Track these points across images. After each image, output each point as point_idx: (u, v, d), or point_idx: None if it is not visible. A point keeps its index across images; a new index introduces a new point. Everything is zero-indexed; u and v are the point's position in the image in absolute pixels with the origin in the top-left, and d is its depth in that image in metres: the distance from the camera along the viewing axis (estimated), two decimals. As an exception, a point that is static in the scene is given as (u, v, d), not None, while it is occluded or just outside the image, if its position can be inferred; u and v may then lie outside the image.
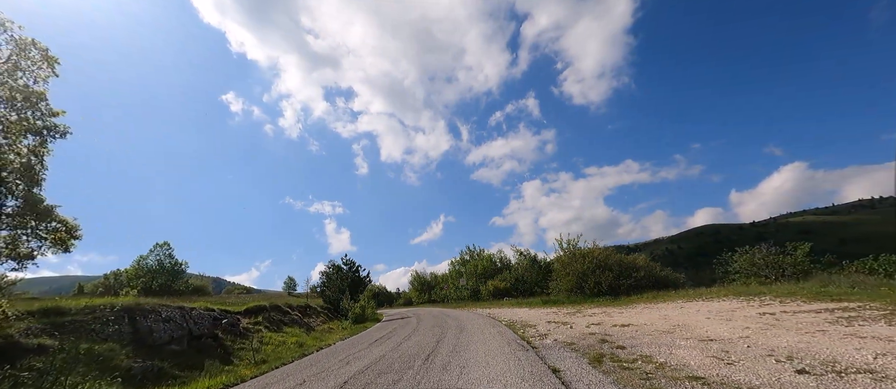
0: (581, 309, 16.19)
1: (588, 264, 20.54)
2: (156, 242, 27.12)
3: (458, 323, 15.29)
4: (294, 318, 20.05)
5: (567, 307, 18.00)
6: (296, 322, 19.81)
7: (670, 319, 10.25)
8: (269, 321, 17.82)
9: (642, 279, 19.08)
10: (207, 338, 12.33)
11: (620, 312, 13.15)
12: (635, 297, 17.18)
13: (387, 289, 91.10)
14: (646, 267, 19.97)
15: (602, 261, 20.40)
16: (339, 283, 32.19)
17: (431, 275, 66.37)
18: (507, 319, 14.95)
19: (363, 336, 15.69)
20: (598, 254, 20.83)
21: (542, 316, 14.45)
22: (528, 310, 18.84)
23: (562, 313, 15.14)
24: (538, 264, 36.45)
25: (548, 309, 18.48)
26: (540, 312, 16.85)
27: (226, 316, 15.07)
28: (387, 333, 15.46)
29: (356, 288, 32.71)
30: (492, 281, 35.39)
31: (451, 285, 44.38)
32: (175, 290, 27.83)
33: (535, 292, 33.70)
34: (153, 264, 26.76)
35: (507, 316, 16.37)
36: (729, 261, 19.01)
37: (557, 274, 22.60)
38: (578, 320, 12.10)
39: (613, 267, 19.91)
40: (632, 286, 18.88)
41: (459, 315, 20.61)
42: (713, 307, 11.67)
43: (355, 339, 15.15)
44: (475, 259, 44.32)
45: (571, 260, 21.82)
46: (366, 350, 10.94)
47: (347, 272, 33.03)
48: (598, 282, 19.70)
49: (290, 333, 17.54)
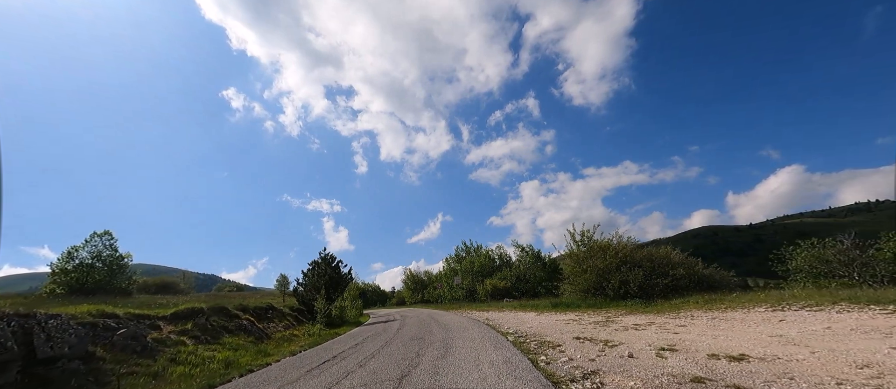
0: (611, 316, 12.30)
1: (611, 259, 16.66)
2: (94, 231, 22.94)
3: (446, 333, 11.40)
4: (243, 324, 15.98)
5: (588, 313, 14.12)
6: (244, 328, 15.76)
7: (795, 342, 6.29)
8: (202, 329, 13.80)
9: (681, 278, 15.24)
10: (71, 361, 8.28)
11: (682, 325, 9.18)
12: (678, 301, 13.33)
13: (380, 288, 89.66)
14: (684, 263, 16.11)
15: (628, 256, 16.53)
16: (316, 281, 28.18)
17: (426, 274, 62.74)
18: (511, 329, 11.07)
19: (322, 350, 12.01)
20: (624, 248, 16.96)
21: (561, 327, 10.54)
22: (537, 316, 14.95)
23: (587, 322, 11.22)
24: (542, 261, 32.59)
25: (562, 314, 14.60)
26: (554, 319, 12.95)
27: (128, 324, 11.02)
28: (352, 346, 11.80)
29: (335, 287, 28.69)
30: (490, 280, 31.47)
31: (446, 284, 40.45)
32: (116, 288, 23.49)
33: (540, 292, 29.80)
34: (86, 257, 22.37)
35: (511, 324, 12.49)
36: (791, 256, 15.12)
37: (571, 272, 18.73)
38: (624, 336, 8.20)
39: (643, 262, 16.04)
40: (669, 287, 15.03)
41: (450, 320, 16.68)
42: (842, 321, 7.71)
43: (310, 353, 11.60)
44: (472, 255, 40.37)
45: (589, 254, 17.93)
46: (303, 377, 7.21)
47: (325, 268, 28.99)
48: (624, 281, 15.83)
49: (228, 344, 13.53)
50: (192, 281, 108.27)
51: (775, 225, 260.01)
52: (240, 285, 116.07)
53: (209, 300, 20.55)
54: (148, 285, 45.77)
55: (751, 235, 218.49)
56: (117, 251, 23.66)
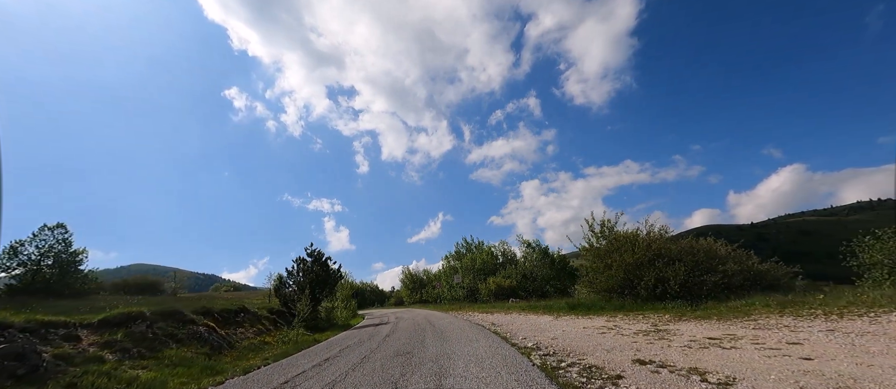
0: (656, 322, 9.55)
1: (642, 253, 13.89)
2: (44, 223, 20.12)
3: (441, 346, 8.67)
4: (198, 331, 13.21)
5: (621, 317, 11.37)
6: (199, 337, 12.99)
7: None
8: (137, 339, 11.04)
9: (734, 274, 12.46)
10: None
11: (792, 340, 6.31)
12: (736, 303, 10.56)
13: (379, 288, 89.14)
14: (734, 257, 13.34)
15: (662, 249, 13.75)
16: (301, 280, 25.44)
17: (425, 272, 60.24)
18: (529, 340, 8.37)
19: (283, 367, 9.48)
20: (657, 239, 14.17)
21: (597, 339, 7.78)
22: (554, 321, 12.22)
23: (629, 332, 8.45)
24: (550, 258, 29.83)
25: (587, 319, 11.86)
26: (580, 326, 10.19)
27: (15, 338, 8.28)
28: (322, 361, 9.28)
29: (323, 286, 25.94)
30: (493, 279, 28.70)
31: (445, 283, 37.68)
32: (70, 289, 20.63)
33: (548, 292, 27.05)
34: (35, 253, 19.46)
35: (526, 332, 9.78)
36: (866, 248, 12.28)
37: (591, 269, 15.94)
38: (714, 359, 5.38)
39: (684, 256, 13.26)
40: (721, 285, 12.24)
41: (449, 325, 13.95)
42: None
43: (267, 371, 9.13)
44: (473, 252, 37.58)
45: (613, 248, 15.14)
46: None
47: (312, 265, 26.23)
48: (661, 279, 13.06)
49: (169, 359, 10.77)
50: (185, 281, 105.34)
51: (778, 223, 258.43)
52: (238, 285, 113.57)
53: (190, 302, 17.84)
54: (128, 285, 42.88)
55: (753, 234, 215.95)
56: (71, 246, 20.85)
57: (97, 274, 26.61)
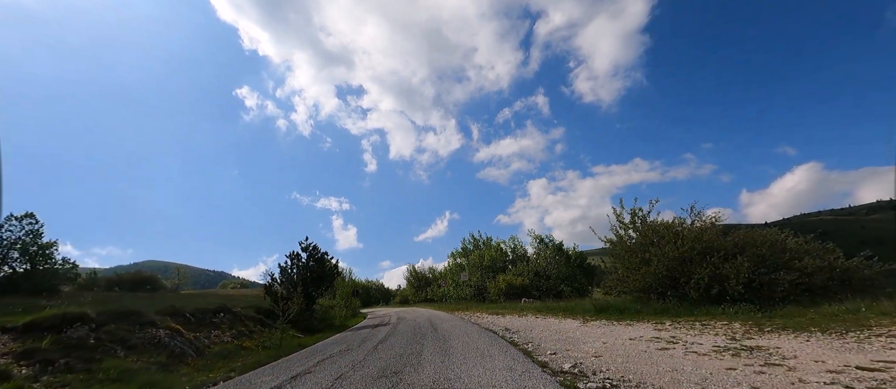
0: (734, 335, 7.24)
1: (691, 245, 11.46)
2: (11, 213, 18.35)
3: (442, 362, 6.48)
4: (158, 336, 11.21)
5: (670, 323, 9.06)
6: (158, 343, 10.98)
7: None
8: (71, 346, 9.04)
9: (814, 273, 9.99)
10: None
11: None
12: (839, 310, 8.02)
13: (384, 286, 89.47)
14: (813, 251, 10.84)
15: (712, 243, 11.31)
16: (294, 276, 23.46)
17: (430, 270, 58.34)
18: (561, 357, 6.22)
19: (238, 385, 7.26)
20: (706, 232, 11.73)
21: (663, 360, 5.51)
22: (582, 327, 9.96)
23: (705, 347, 6.17)
24: (566, 254, 27.42)
25: (628, 326, 9.56)
26: (625, 337, 7.91)
27: None
28: (291, 377, 7.19)
29: (318, 283, 23.93)
30: (504, 276, 26.38)
31: (451, 281, 35.48)
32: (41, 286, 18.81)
33: (563, 292, 24.69)
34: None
35: (552, 343, 7.58)
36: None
37: (623, 265, 13.55)
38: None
39: (747, 249, 10.81)
40: (799, 286, 9.78)
41: (453, 330, 11.80)
42: None
43: None
44: (480, 249, 35.26)
45: (651, 240, 12.74)
46: None
47: (307, 261, 24.22)
48: (718, 277, 10.63)
49: (108, 371, 8.74)
50: (188, 278, 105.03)
51: (793, 223, 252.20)
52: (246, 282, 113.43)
53: (166, 300, 15.92)
54: (123, 281, 41.33)
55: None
56: (41, 238, 19.01)
57: (86, 271, 24.93)
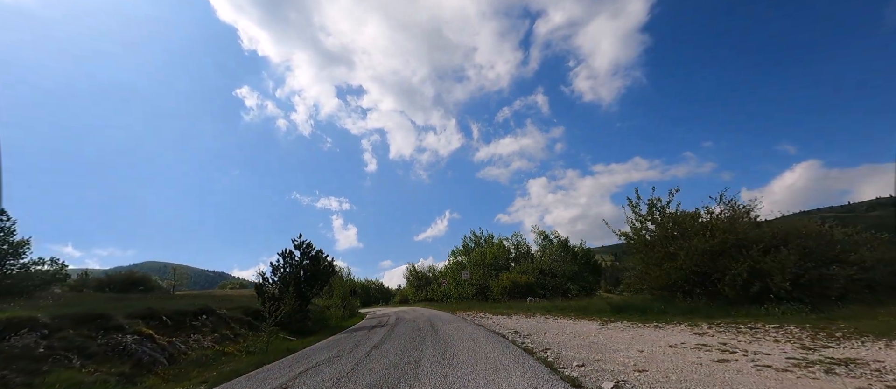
0: (802, 341, 5.99)
1: (720, 238, 10.15)
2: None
3: (445, 378, 5.22)
4: (123, 342, 9.98)
5: (707, 325, 7.81)
6: (122, 350, 9.74)
7: None
8: (14, 356, 7.82)
9: (873, 267, 8.68)
10: None
11: None
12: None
13: (384, 286, 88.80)
14: (867, 243, 9.51)
15: (745, 235, 9.99)
16: (288, 276, 22.20)
17: (430, 269, 57.24)
18: (593, 370, 5.10)
19: None
20: (738, 222, 10.38)
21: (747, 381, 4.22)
22: (605, 331, 8.72)
23: (782, 361, 4.90)
24: (572, 251, 26.15)
25: (660, 330, 8.32)
26: (661, 342, 6.68)
27: None
28: None
29: (312, 283, 22.67)
30: (508, 274, 25.11)
31: (451, 280, 34.25)
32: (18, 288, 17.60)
33: (570, 291, 23.43)
34: (-38, 240, 16.29)
35: (581, 353, 6.43)
36: None
37: (642, 260, 12.22)
38: None
39: (790, 241, 9.49)
40: (858, 283, 8.48)
41: (456, 333, 10.59)
42: None
43: None
44: (482, 246, 33.97)
45: (673, 233, 11.43)
46: None
47: (300, 259, 22.96)
48: (757, 272, 9.33)
49: (51, 386, 7.48)
50: (187, 279, 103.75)
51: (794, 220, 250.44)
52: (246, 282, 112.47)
53: (144, 301, 14.71)
54: (112, 282, 39.95)
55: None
56: (13, 235, 17.81)
57: (77, 272, 23.71)
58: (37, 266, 18.70)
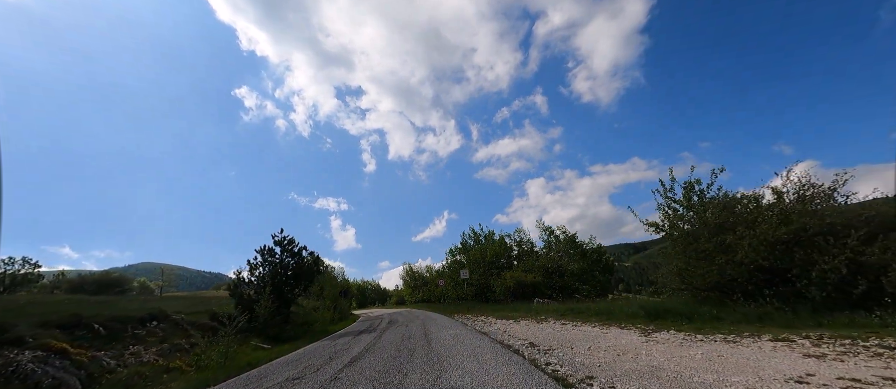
0: None
1: (796, 224, 7.87)
2: None
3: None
4: (15, 363, 7.57)
5: (801, 340, 5.60)
6: (13, 370, 7.33)
7: None
8: None
9: None
10: None
11: None
12: None
13: (381, 286, 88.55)
14: None
15: (840, 220, 7.69)
16: (266, 275, 19.85)
17: (427, 269, 55.16)
18: None
19: None
20: (828, 202, 8.11)
21: None
22: (654, 345, 6.60)
23: None
24: (580, 247, 23.92)
25: (733, 345, 6.16)
26: (766, 366, 4.47)
27: None
28: None
29: (295, 282, 20.32)
30: (511, 273, 22.83)
31: (449, 280, 31.94)
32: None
33: (579, 289, 21.18)
34: None
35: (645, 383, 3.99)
36: None
37: (682, 255, 9.93)
38: None
39: (871, 225, 7.20)
40: None
41: (454, 345, 8.36)
42: None
43: None
44: (481, 243, 31.68)
45: (723, 220, 9.15)
46: None
47: (281, 256, 20.63)
48: (857, 269, 7.02)
49: None
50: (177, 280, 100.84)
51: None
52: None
53: (76, 305, 12.33)
54: (87, 283, 37.33)
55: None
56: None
57: (51, 273, 21.30)
58: (7, 266, 16.16)
